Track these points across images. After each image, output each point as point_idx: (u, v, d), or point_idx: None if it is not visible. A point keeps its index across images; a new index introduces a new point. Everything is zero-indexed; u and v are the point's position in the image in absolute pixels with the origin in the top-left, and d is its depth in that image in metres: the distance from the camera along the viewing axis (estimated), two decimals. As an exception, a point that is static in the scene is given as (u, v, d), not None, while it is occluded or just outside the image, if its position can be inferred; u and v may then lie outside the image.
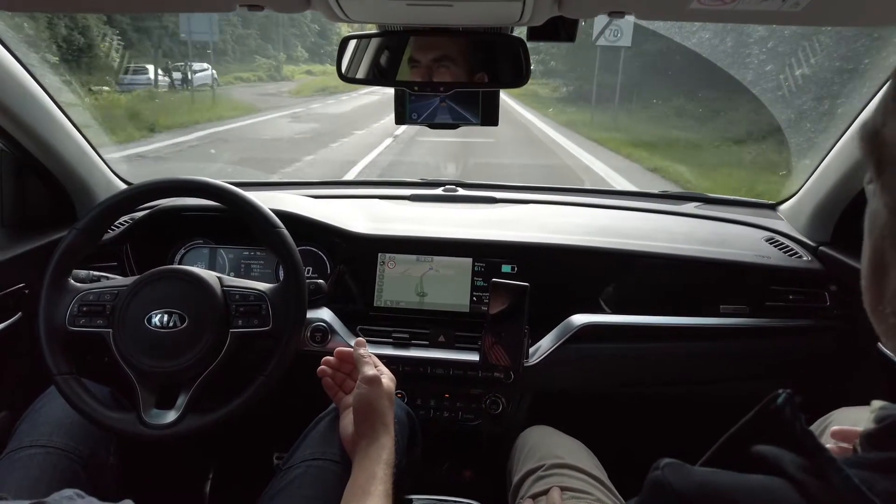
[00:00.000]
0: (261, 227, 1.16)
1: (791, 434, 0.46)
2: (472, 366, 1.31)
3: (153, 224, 1.50)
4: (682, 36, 5.64)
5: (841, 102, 2.71)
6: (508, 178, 3.38)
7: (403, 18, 0.94)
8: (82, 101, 6.00)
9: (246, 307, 1.13)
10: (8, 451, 1.05)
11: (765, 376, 1.37)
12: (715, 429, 0.58)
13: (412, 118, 1.15)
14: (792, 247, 1.48)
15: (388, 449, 0.94)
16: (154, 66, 17.32)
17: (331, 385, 1.08)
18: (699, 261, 1.41)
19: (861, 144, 0.50)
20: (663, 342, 1.34)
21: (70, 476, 1.01)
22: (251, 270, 1.53)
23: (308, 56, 36.05)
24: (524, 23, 0.90)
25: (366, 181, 3.36)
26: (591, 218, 1.65)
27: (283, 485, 0.98)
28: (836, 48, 4.96)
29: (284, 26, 22.51)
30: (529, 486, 1.09)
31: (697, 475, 0.47)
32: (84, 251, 1.16)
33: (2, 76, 1.24)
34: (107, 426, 1.06)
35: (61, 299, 1.11)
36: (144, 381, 1.08)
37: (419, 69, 1.03)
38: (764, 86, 6.28)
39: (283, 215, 1.19)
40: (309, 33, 37.24)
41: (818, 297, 1.38)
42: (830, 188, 1.40)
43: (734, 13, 0.77)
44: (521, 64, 0.99)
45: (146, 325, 1.09)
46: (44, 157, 1.42)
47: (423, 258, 1.44)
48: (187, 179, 1.18)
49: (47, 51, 8.91)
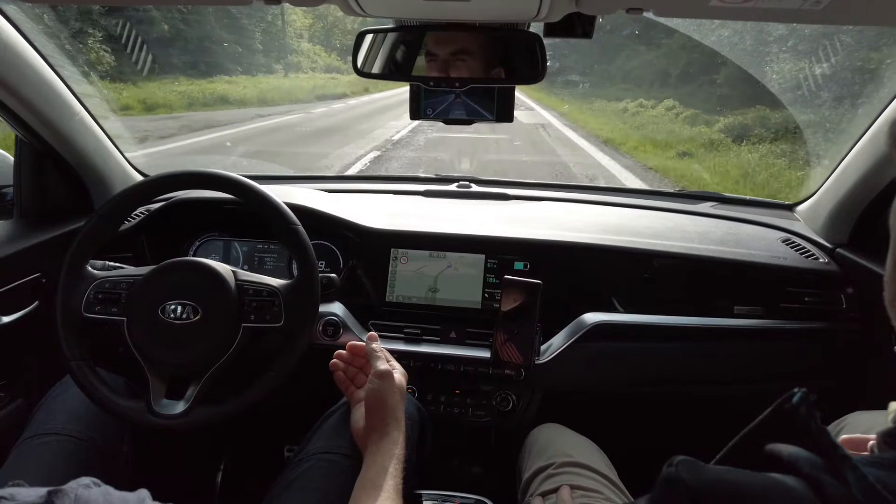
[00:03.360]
0: (277, 223, 1.17)
1: (806, 433, 0.46)
2: (484, 362, 1.31)
3: (169, 215, 1.51)
4: (702, 34, 5.59)
5: (861, 102, 2.68)
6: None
7: (420, 14, 0.94)
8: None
9: (259, 302, 1.14)
10: (24, 438, 1.06)
11: (778, 378, 1.36)
12: (727, 429, 0.58)
13: (427, 113, 1.14)
14: (808, 248, 1.46)
15: (398, 443, 0.94)
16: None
17: (342, 379, 1.09)
18: (714, 261, 1.40)
19: (889, 141, 0.49)
20: (676, 342, 1.33)
21: (84, 464, 1.03)
22: (265, 263, 1.54)
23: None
24: (541, 18, 0.90)
25: (380, 176, 3.37)
26: (605, 216, 1.64)
27: (294, 477, 0.99)
28: (857, 47, 4.90)
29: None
30: (539, 484, 1.09)
31: (711, 473, 0.47)
32: (103, 238, 1.17)
33: (22, 67, 1.25)
34: (116, 413, 1.08)
35: (78, 286, 1.13)
36: (155, 371, 1.10)
37: (436, 63, 1.03)
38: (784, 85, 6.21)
39: (297, 209, 1.19)
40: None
41: (834, 300, 1.36)
42: (849, 189, 1.38)
43: (754, 11, 0.76)
44: (538, 60, 0.99)
45: (160, 316, 1.10)
46: (62, 148, 1.43)
47: (436, 254, 1.44)
48: (205, 172, 1.19)
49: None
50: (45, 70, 1.31)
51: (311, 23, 21.78)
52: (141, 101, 11.30)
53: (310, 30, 22.36)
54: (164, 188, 1.24)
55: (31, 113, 1.31)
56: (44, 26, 1.39)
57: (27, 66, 1.26)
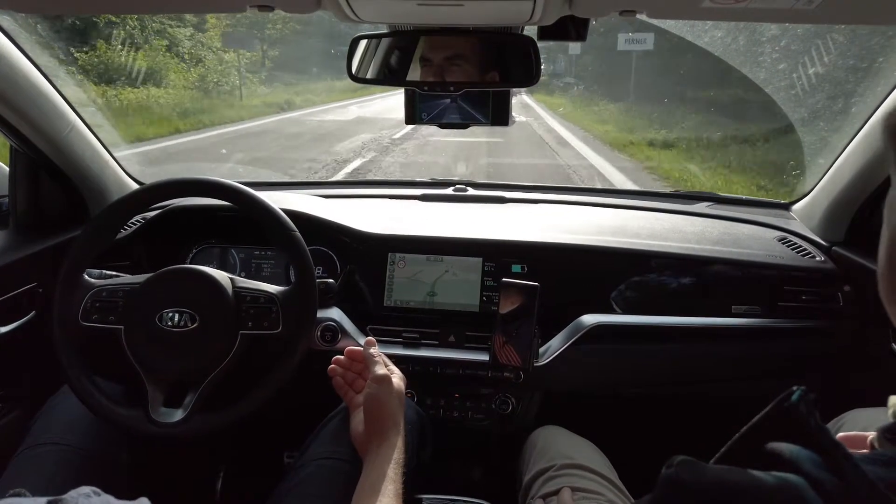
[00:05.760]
0: (274, 229, 1.16)
1: (806, 431, 0.46)
2: (482, 365, 1.30)
3: (165, 223, 1.51)
4: (694, 34, 5.60)
5: (855, 101, 2.69)
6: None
7: (414, 18, 0.94)
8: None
9: (256, 309, 1.13)
10: (22, 448, 1.06)
11: (777, 377, 1.36)
12: (727, 429, 0.58)
13: (422, 118, 1.15)
14: (805, 247, 1.47)
15: (398, 448, 0.94)
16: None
17: (341, 384, 1.09)
18: (711, 261, 1.40)
19: (883, 134, 0.49)
20: (674, 343, 1.33)
21: (83, 474, 1.02)
22: (262, 270, 1.54)
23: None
24: (535, 22, 0.90)
25: (376, 181, 3.36)
26: (602, 217, 1.64)
27: (294, 484, 0.99)
28: (849, 46, 4.91)
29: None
30: (540, 487, 1.09)
31: (711, 472, 0.47)
32: (99, 247, 1.17)
33: (16, 77, 1.25)
34: (114, 421, 1.07)
35: (75, 294, 1.13)
36: (153, 379, 1.09)
37: (430, 68, 1.03)
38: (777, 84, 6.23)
39: (294, 215, 1.19)
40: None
41: (831, 298, 1.36)
42: (844, 187, 1.39)
43: (746, 11, 0.76)
44: (532, 63, 0.99)
45: (157, 324, 1.09)
46: (57, 158, 1.43)
47: (433, 258, 1.44)
48: (201, 179, 1.19)
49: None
50: (39, 80, 1.31)
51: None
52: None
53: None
54: (160, 196, 1.24)
55: (26, 122, 1.31)
56: (37, 36, 1.39)
57: (21, 76, 1.26)
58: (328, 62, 20.40)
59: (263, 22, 18.94)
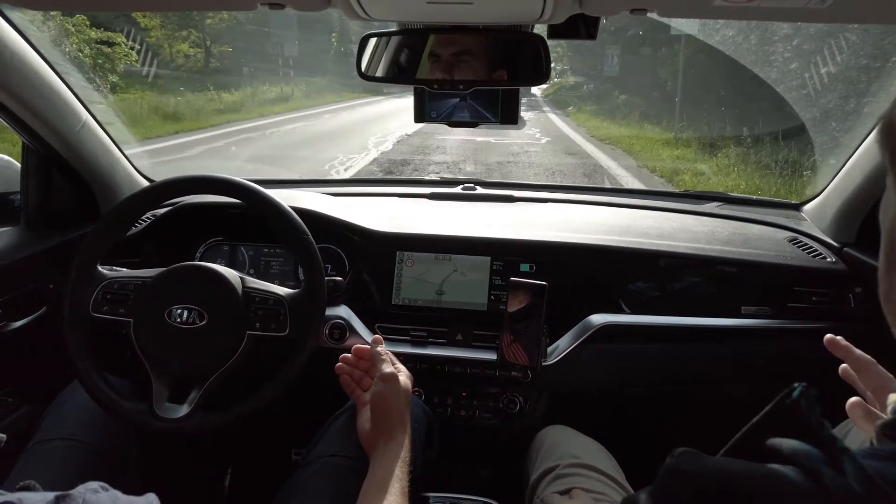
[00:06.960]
0: (286, 232, 1.17)
1: (807, 426, 0.46)
2: (490, 364, 1.30)
3: (175, 220, 1.52)
4: (705, 34, 5.57)
5: (867, 101, 2.66)
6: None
7: (423, 16, 0.94)
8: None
9: (265, 310, 1.14)
10: (32, 443, 1.07)
11: (786, 378, 1.35)
12: (734, 430, 0.58)
13: (431, 116, 1.14)
14: (815, 247, 1.45)
15: (405, 446, 0.94)
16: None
17: (348, 382, 1.09)
18: (720, 261, 1.39)
19: (879, 136, 0.50)
20: (683, 343, 1.33)
21: (92, 469, 1.03)
22: (271, 268, 1.54)
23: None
24: (545, 20, 0.90)
25: (385, 179, 3.37)
26: (611, 217, 1.64)
27: (301, 481, 0.99)
28: (862, 46, 4.88)
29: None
30: (546, 486, 1.09)
31: (711, 463, 0.48)
32: (111, 241, 1.18)
33: (28, 74, 1.25)
34: (119, 414, 1.08)
35: (87, 285, 1.14)
36: (159, 374, 1.10)
37: (439, 64, 1.03)
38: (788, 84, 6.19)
39: (303, 213, 1.19)
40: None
41: (842, 299, 1.35)
42: (856, 188, 1.38)
43: (758, 10, 0.76)
44: (541, 62, 0.99)
45: (166, 319, 1.10)
46: (68, 155, 1.44)
47: (442, 257, 1.44)
48: (212, 177, 1.20)
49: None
50: (51, 76, 1.32)
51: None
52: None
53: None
54: (173, 192, 1.25)
55: (38, 119, 1.32)
56: (48, 32, 1.40)
57: (33, 73, 1.27)
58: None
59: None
